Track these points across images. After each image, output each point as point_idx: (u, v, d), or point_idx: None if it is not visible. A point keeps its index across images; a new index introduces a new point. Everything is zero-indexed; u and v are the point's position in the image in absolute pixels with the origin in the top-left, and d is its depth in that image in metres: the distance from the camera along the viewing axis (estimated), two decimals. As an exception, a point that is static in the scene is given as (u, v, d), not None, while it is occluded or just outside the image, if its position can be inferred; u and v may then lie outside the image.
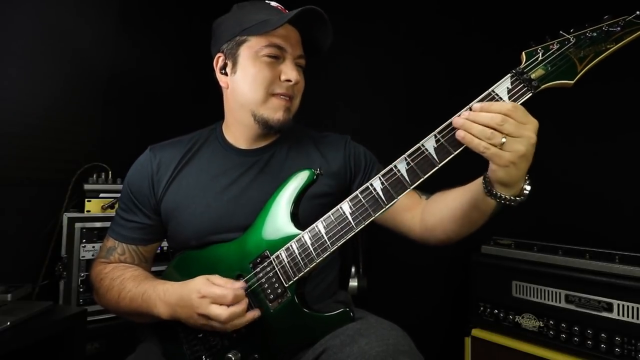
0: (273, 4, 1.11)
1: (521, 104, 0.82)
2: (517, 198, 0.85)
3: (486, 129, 0.77)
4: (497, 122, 0.76)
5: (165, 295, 0.97)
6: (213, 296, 0.91)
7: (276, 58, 1.06)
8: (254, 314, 0.95)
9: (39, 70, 1.70)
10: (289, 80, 1.06)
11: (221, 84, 1.15)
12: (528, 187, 0.84)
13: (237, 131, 1.16)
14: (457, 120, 0.81)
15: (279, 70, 1.07)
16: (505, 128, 0.76)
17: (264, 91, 1.06)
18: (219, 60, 1.12)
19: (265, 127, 1.10)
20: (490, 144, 0.76)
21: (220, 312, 0.89)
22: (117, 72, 2.03)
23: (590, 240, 1.63)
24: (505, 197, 0.84)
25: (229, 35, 1.08)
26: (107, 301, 1.08)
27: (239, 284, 0.95)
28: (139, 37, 2.13)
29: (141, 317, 1.04)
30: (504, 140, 0.76)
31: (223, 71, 1.12)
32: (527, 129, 0.77)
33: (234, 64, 1.09)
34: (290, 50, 1.07)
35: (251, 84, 1.07)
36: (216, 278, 0.95)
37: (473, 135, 0.78)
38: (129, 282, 1.05)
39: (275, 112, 1.08)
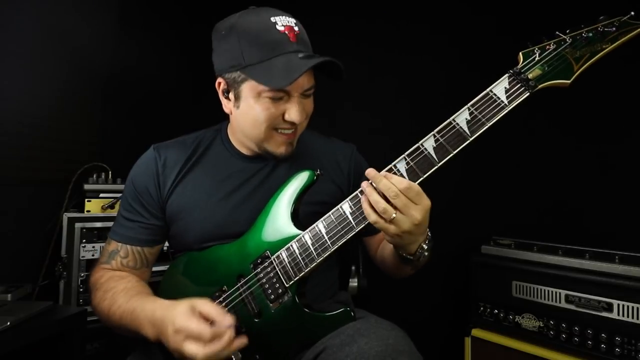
0: (279, 25, 0.97)
1: (518, 104, 0.84)
2: (410, 257, 0.94)
3: (380, 202, 0.84)
4: (391, 195, 0.83)
5: (154, 316, 0.91)
6: (188, 332, 0.83)
7: (280, 98, 1.00)
8: (240, 343, 0.88)
9: (39, 70, 1.71)
10: (292, 121, 1.01)
11: (224, 109, 1.09)
12: (425, 246, 0.93)
13: (242, 142, 1.14)
14: (363, 184, 0.88)
15: (283, 108, 1.00)
16: (397, 203, 0.83)
17: (266, 130, 1.02)
18: (220, 84, 1.07)
19: (268, 156, 1.09)
20: (381, 217, 0.84)
21: (196, 351, 0.82)
22: (117, 71, 2.04)
23: (590, 240, 1.63)
24: (401, 255, 0.95)
25: (229, 67, 1.00)
26: (99, 313, 1.04)
27: (227, 321, 0.85)
28: (138, 37, 2.14)
29: (132, 334, 0.98)
30: (394, 215, 0.83)
31: (226, 95, 1.07)
32: (416, 209, 0.83)
33: (237, 98, 1.03)
34: (297, 89, 0.99)
35: (254, 122, 1.02)
36: (205, 305, 0.87)
37: (369, 204, 0.86)
38: (120, 296, 1.00)
39: (278, 147, 1.06)
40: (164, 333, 0.88)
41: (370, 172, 0.87)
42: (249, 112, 1.02)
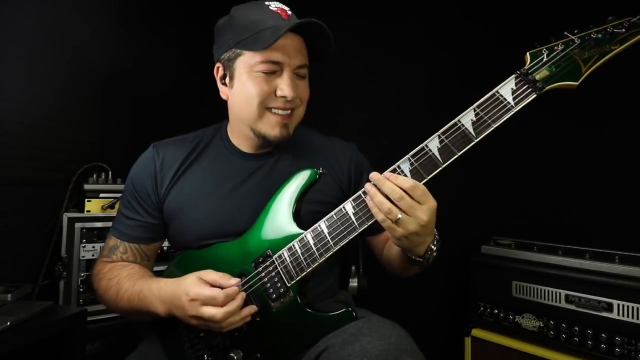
0: (273, 6, 1.04)
1: (525, 105, 0.83)
2: (419, 259, 0.93)
3: (385, 203, 0.84)
4: (396, 197, 0.83)
5: (160, 293, 0.97)
6: (203, 298, 0.90)
7: (272, 72, 1.02)
8: (250, 310, 0.94)
9: (39, 70, 1.70)
10: (284, 96, 1.02)
11: (222, 95, 1.12)
12: (434, 247, 0.93)
13: (241, 138, 1.15)
14: (366, 185, 0.88)
15: (275, 84, 1.02)
16: (402, 204, 0.83)
17: (259, 107, 1.03)
18: (218, 69, 1.10)
19: (264, 142, 1.08)
20: (387, 217, 0.84)
21: (214, 312, 0.89)
22: (117, 71, 2.03)
23: (590, 240, 1.63)
24: (409, 257, 0.94)
25: (226, 47, 1.05)
26: (106, 301, 1.08)
27: (233, 281, 0.94)
28: (138, 37, 2.13)
29: (141, 315, 1.03)
30: (399, 216, 0.83)
31: (223, 81, 1.10)
32: (421, 209, 0.83)
33: (231, 77, 1.06)
34: (288, 62, 1.01)
35: (247, 100, 1.03)
36: (209, 274, 0.94)
37: (374, 203, 0.85)
38: (125, 281, 1.05)
39: (272, 128, 1.05)
40: (177, 305, 0.93)
41: (373, 175, 0.87)
42: (242, 90, 1.04)
